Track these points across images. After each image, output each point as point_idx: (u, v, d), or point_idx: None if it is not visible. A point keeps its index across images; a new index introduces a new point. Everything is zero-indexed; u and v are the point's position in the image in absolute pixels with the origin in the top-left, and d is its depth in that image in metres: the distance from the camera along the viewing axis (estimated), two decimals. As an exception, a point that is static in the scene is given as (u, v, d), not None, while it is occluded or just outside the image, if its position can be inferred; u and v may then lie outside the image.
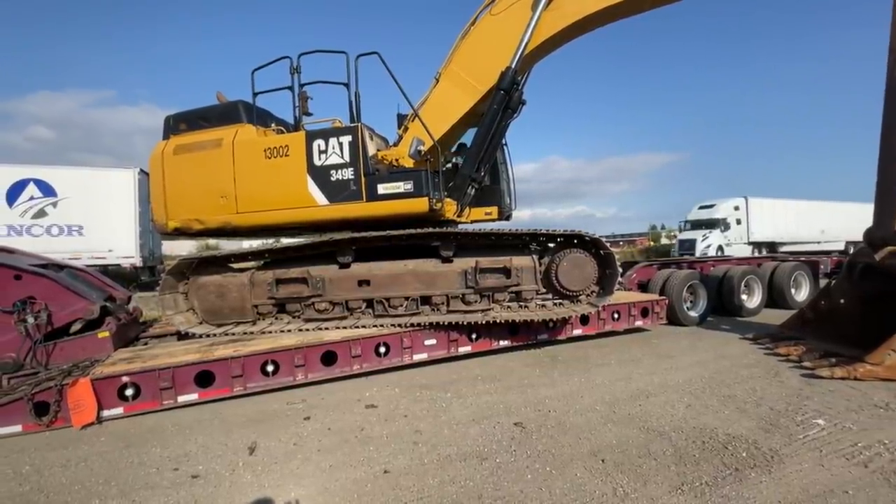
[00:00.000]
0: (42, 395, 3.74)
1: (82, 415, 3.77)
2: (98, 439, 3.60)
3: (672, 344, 6.05)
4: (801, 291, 8.51)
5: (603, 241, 5.27)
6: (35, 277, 4.45)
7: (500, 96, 5.42)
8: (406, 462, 3.05)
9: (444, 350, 5.22)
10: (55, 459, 3.26)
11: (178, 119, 5.79)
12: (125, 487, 2.86)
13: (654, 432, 3.35)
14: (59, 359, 4.39)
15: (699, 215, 24.35)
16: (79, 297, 4.58)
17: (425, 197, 5.09)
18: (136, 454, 3.31)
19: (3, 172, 12.52)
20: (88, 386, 3.82)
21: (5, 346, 4.22)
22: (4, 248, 5.49)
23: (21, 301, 4.31)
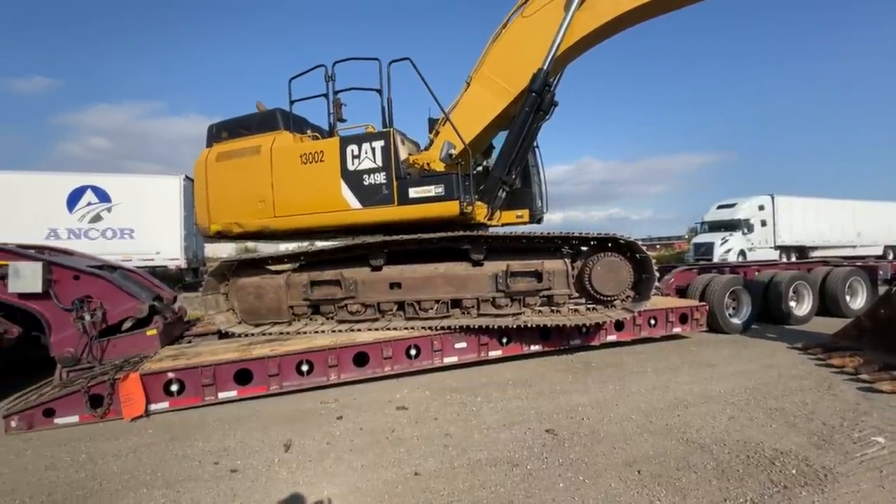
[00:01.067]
0: (97, 388, 3.98)
1: (132, 408, 4.00)
2: (146, 431, 3.80)
3: (713, 352, 5.79)
4: (857, 299, 7.96)
5: (639, 245, 5.12)
6: (91, 278, 4.76)
7: (532, 98, 5.37)
8: (436, 465, 3.06)
9: (474, 353, 5.20)
10: (108, 449, 3.46)
11: (221, 127, 6.07)
12: (170, 478, 3.00)
13: (693, 444, 3.21)
14: (111, 354, 4.68)
15: (718, 216, 22.08)
16: (130, 297, 4.86)
17: (456, 200, 5.11)
18: (181, 447, 3.47)
19: (64, 180, 13.47)
20: (138, 381, 4.05)
21: (65, 342, 4.53)
22: (65, 251, 5.92)
23: (79, 300, 4.62)
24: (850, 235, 22.82)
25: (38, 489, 2.91)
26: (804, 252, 21.28)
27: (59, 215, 13.17)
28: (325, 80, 5.56)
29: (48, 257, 4.79)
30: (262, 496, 2.76)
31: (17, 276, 4.37)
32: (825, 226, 22.17)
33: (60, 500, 2.79)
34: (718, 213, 22.25)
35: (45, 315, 4.54)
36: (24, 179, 13.34)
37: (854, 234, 22.93)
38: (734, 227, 20.75)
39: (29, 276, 4.40)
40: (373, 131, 5.50)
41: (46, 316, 4.54)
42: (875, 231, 23.21)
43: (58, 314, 4.56)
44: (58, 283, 4.59)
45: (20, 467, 3.22)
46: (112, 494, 2.83)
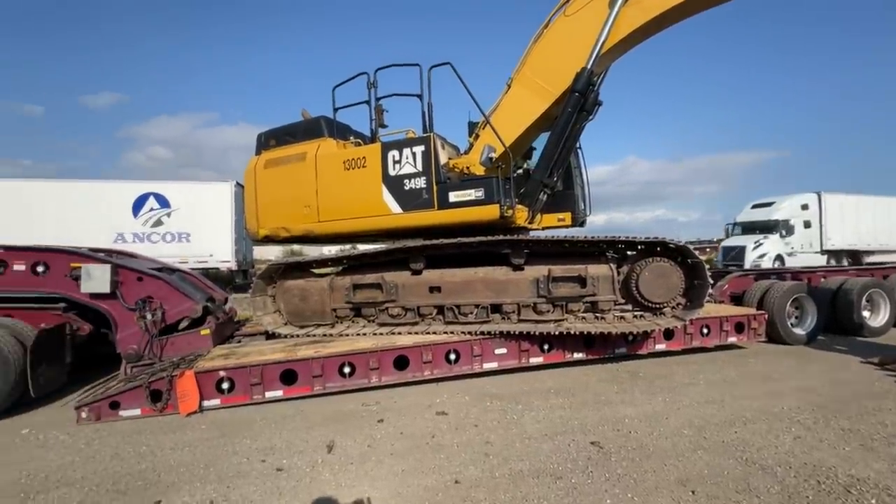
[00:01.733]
0: (157, 383, 4.24)
1: (188, 403, 4.22)
2: (200, 427, 3.99)
3: (773, 365, 5.39)
4: (944, 309, 7.16)
5: (691, 249, 4.85)
6: (153, 279, 5.08)
7: (575, 98, 5.24)
8: (477, 473, 3.01)
9: (514, 360, 5.11)
10: (166, 442, 3.67)
11: (269, 136, 6.33)
12: (221, 473, 3.13)
13: (754, 465, 2.99)
14: (169, 352, 4.96)
15: (752, 216, 19.45)
16: (186, 298, 5.15)
17: (496, 204, 5.06)
18: (231, 443, 3.61)
19: (130, 188, 14.55)
20: (193, 378, 4.27)
21: (129, 339, 4.86)
22: (129, 254, 6.37)
23: (141, 300, 4.95)
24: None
25: (104, 478, 3.12)
26: (857, 257, 18.94)
27: (125, 220, 14.22)
28: (367, 88, 5.67)
29: (115, 260, 5.16)
30: (307, 496, 2.82)
31: (88, 278, 4.74)
32: (883, 227, 19.57)
33: (124, 489, 2.97)
34: (753, 214, 19.72)
35: (113, 314, 4.89)
36: (95, 187, 14.52)
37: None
38: (771, 228, 18.24)
39: (99, 277, 4.76)
40: (413, 136, 5.54)
41: (113, 314, 4.89)
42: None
43: (123, 313, 4.90)
44: (123, 284, 4.94)
45: (89, 456, 3.46)
46: (169, 486, 2.99)
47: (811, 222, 18.66)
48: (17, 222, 13.06)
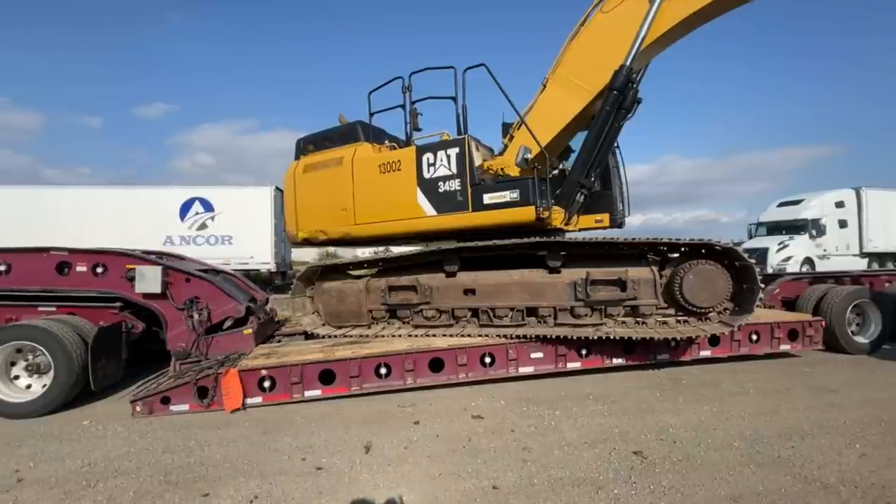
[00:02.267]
0: (203, 380, 4.42)
1: (232, 401, 4.38)
2: (243, 423, 4.13)
3: (832, 375, 5.04)
4: None
5: (739, 252, 4.60)
6: (199, 280, 5.31)
7: (614, 97, 5.09)
8: (515, 480, 2.96)
9: (551, 364, 5.01)
10: (212, 438, 3.82)
11: (307, 141, 6.51)
12: (264, 470, 3.22)
13: (814, 483, 2.79)
14: (214, 350, 5.16)
15: (778, 215, 17.79)
16: (230, 298, 5.35)
17: (532, 205, 4.98)
18: (272, 441, 3.72)
19: (177, 193, 15.35)
20: (236, 376, 4.43)
21: (179, 337, 5.10)
22: (178, 256, 6.69)
23: (189, 300, 5.19)
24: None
25: (157, 469, 3.28)
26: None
27: (173, 224, 15.01)
28: (402, 92, 5.73)
29: (165, 262, 5.43)
30: (346, 496, 2.86)
31: (142, 279, 5.01)
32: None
33: (174, 481, 3.11)
34: (779, 213, 18.00)
35: (163, 313, 5.15)
36: (146, 193, 15.42)
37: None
38: (799, 228, 16.50)
39: (151, 278, 5.03)
40: (448, 139, 5.55)
41: (164, 313, 5.15)
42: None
43: (173, 312, 5.15)
44: (173, 284, 5.19)
45: (143, 448, 3.65)
46: (216, 480, 3.10)
47: (847, 222, 16.92)
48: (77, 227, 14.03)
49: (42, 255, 5.15)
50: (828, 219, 16.71)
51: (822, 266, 15.82)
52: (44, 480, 3.15)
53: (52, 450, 3.64)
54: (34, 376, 4.53)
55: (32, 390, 4.51)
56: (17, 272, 5.13)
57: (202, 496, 2.90)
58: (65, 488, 3.03)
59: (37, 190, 15.44)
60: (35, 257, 5.16)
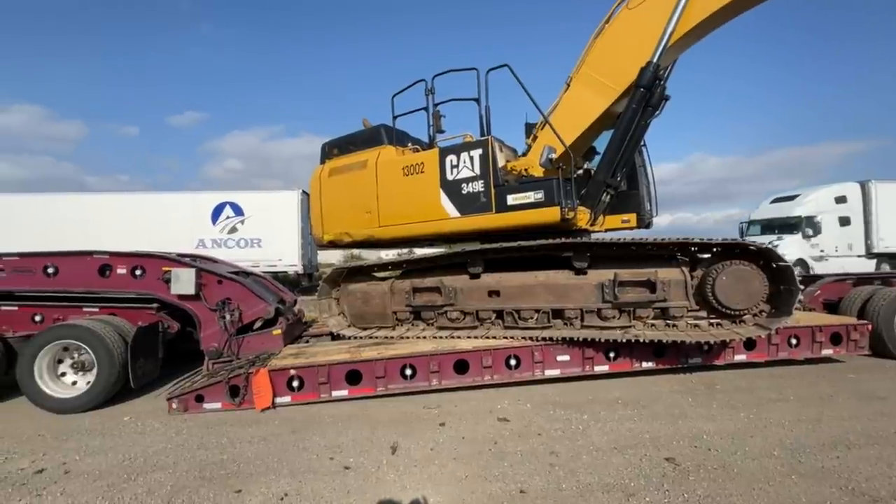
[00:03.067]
0: (235, 379, 4.55)
1: (262, 399, 4.50)
2: (273, 422, 4.23)
3: (880, 382, 4.77)
4: None
5: (776, 252, 4.42)
6: (231, 282, 5.48)
7: (640, 94, 4.97)
8: (542, 484, 2.92)
9: (578, 367, 4.93)
10: (244, 435, 3.92)
11: (332, 145, 6.62)
12: (293, 468, 3.29)
13: (863, 496, 2.64)
14: (245, 350, 5.31)
15: (771, 212, 16.46)
16: (260, 300, 5.50)
17: (556, 206, 4.91)
18: (301, 439, 3.79)
19: (209, 198, 15.89)
20: (266, 375, 4.54)
21: (211, 338, 5.27)
22: (210, 258, 6.92)
23: (221, 301, 5.35)
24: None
25: (192, 465, 3.39)
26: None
27: (205, 227, 15.54)
28: (424, 94, 5.76)
29: (199, 264, 5.62)
30: (373, 496, 2.88)
31: (177, 280, 5.21)
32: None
33: (209, 476, 3.21)
34: (772, 210, 16.65)
35: (197, 313, 5.33)
36: (180, 198, 16.01)
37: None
38: (792, 227, 15.14)
39: (186, 280, 5.22)
40: (471, 140, 5.54)
41: (198, 314, 5.33)
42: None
43: (206, 313, 5.33)
44: (206, 286, 5.37)
45: (179, 444, 3.78)
46: (248, 476, 3.18)
47: (850, 219, 15.36)
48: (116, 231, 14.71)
49: (86, 258, 5.42)
50: (825, 216, 15.27)
51: (820, 268, 14.46)
52: (88, 473, 3.30)
53: (95, 444, 3.82)
54: (79, 373, 4.78)
55: (77, 387, 4.75)
56: (64, 275, 5.42)
57: (235, 492, 2.98)
58: (108, 481, 3.17)
59: (79, 196, 16.26)
60: (79, 260, 5.43)
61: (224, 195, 16.01)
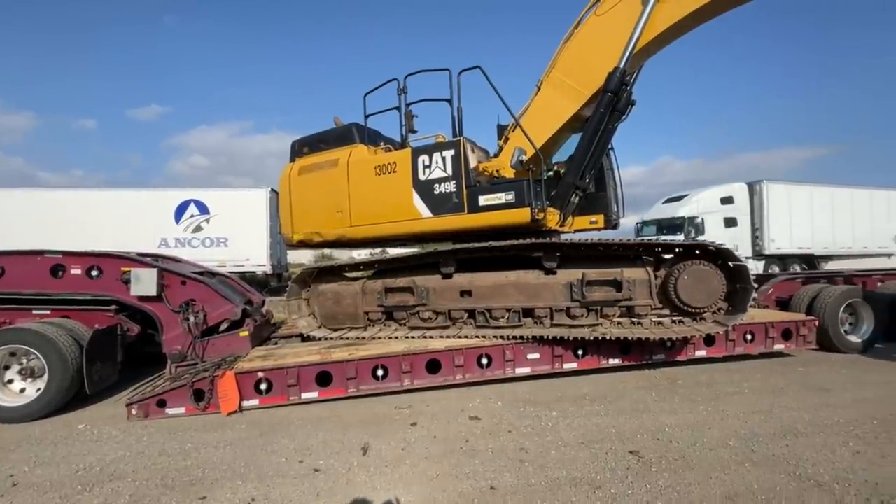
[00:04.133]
0: (199, 383, 4.40)
1: (228, 403, 4.37)
2: (239, 426, 4.12)
3: (826, 374, 5.09)
4: None
5: (733, 252, 4.64)
6: (196, 283, 5.29)
7: (608, 99, 5.12)
8: (513, 480, 2.97)
9: (547, 365, 5.03)
10: (209, 440, 3.80)
11: (302, 143, 6.50)
12: (261, 472, 3.22)
13: (808, 481, 2.82)
14: (210, 353, 5.15)
15: (661, 213, 16.41)
16: (226, 301, 5.33)
17: (527, 207, 5.00)
18: (269, 443, 3.71)
19: (173, 195, 15.29)
20: (233, 378, 4.41)
21: (174, 340, 5.08)
22: (173, 258, 6.66)
23: (185, 302, 5.16)
24: (882, 239, 16.56)
25: (153, 472, 3.26)
26: (812, 263, 15.64)
27: (168, 226, 14.95)
28: (397, 94, 5.74)
29: (161, 264, 5.40)
30: (343, 497, 2.86)
31: (137, 281, 4.99)
32: (843, 225, 15.97)
33: (171, 484, 3.10)
34: (662, 210, 16.53)
35: (159, 315, 5.12)
36: (141, 195, 15.34)
37: (890, 237, 16.66)
38: (677, 228, 14.96)
39: (147, 281, 5.00)
40: (443, 141, 5.57)
41: (160, 316, 5.12)
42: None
43: (168, 315, 5.13)
44: (169, 287, 5.17)
45: (139, 451, 3.63)
46: (213, 483, 3.09)
47: (737, 220, 15.28)
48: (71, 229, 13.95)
49: (36, 258, 5.11)
50: (709, 216, 15.10)
51: None
52: (39, 485, 3.12)
53: (46, 454, 3.61)
54: (28, 380, 4.50)
55: (27, 394, 4.48)
56: (11, 275, 5.09)
57: (199, 499, 2.89)
58: (60, 492, 3.01)
59: (31, 192, 15.33)
60: (29, 260, 5.12)
61: (188, 192, 15.44)
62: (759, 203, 15.33)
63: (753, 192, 15.58)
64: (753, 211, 15.56)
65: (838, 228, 16.19)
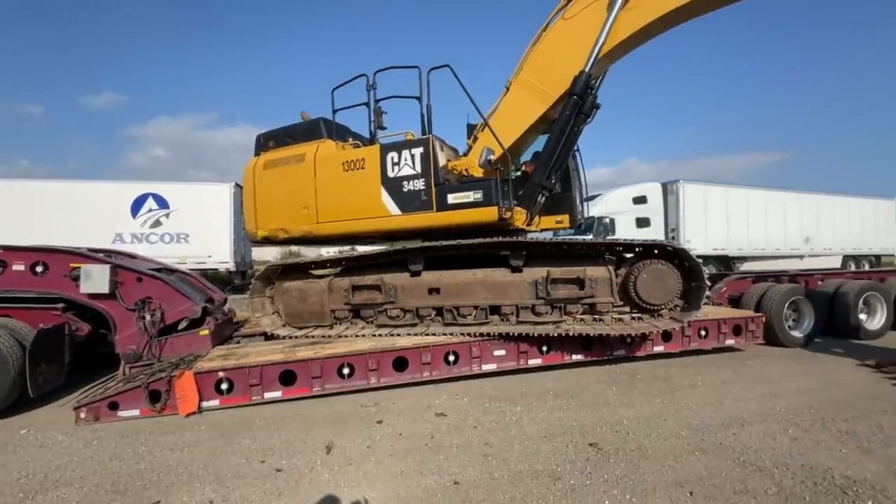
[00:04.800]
0: (155, 384, 4.23)
1: (187, 404, 4.22)
2: (198, 427, 3.99)
3: (771, 367, 5.41)
4: (941, 312, 7.19)
5: (688, 252, 4.87)
6: (152, 280, 5.08)
7: (574, 101, 5.26)
8: (476, 474, 3.02)
9: (513, 362, 5.12)
10: (165, 443, 3.67)
11: (268, 137, 6.33)
12: (220, 474, 3.13)
13: (751, 466, 3.00)
14: (168, 353, 4.95)
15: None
16: (185, 298, 5.14)
17: (495, 206, 5.07)
18: (230, 444, 3.61)
19: (129, 188, 14.54)
20: (192, 378, 4.27)
21: (128, 340, 4.85)
22: (129, 254, 6.36)
23: (141, 300, 4.95)
24: (794, 240, 17.09)
25: (103, 478, 3.12)
26: (728, 265, 15.77)
27: (124, 221, 14.20)
28: (366, 90, 5.69)
29: (115, 261, 5.15)
30: (305, 497, 2.82)
31: (88, 278, 4.74)
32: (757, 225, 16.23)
33: (123, 489, 2.97)
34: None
35: (112, 314, 4.88)
36: (95, 188, 14.50)
37: (800, 239, 17.23)
38: (588, 227, 14.23)
39: (98, 277, 4.76)
40: (412, 138, 5.56)
41: (113, 315, 4.89)
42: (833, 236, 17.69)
43: (122, 313, 4.90)
44: (123, 284, 4.93)
45: (88, 456, 3.46)
46: (168, 487, 2.99)
47: (650, 220, 15.09)
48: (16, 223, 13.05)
49: (-28, 253, 4.77)
50: (620, 216, 14.82)
51: None
52: (-26, 494, 2.93)
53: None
54: (-37, 384, 4.19)
55: (-38, 399, 4.18)
56: (-56, 271, 4.73)
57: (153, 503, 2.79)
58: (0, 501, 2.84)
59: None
60: (-35, 255, 4.77)
61: (147, 186, 14.72)
62: (676, 203, 15.14)
63: (669, 192, 15.41)
64: (668, 211, 15.42)
65: (753, 229, 16.40)
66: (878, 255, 20.53)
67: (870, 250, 20.02)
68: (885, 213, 20.80)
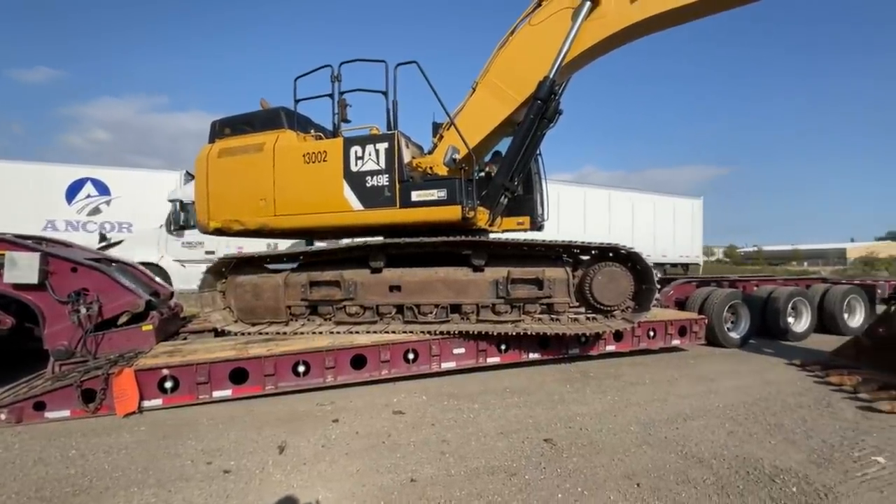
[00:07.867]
0: (90, 382, 3.92)
1: (125, 404, 3.94)
2: (138, 428, 3.74)
3: (711, 366, 5.77)
4: (856, 317, 7.98)
5: (640, 255, 5.10)
6: (89, 270, 4.70)
7: (537, 106, 5.37)
8: (433, 472, 3.02)
9: (472, 360, 5.16)
10: (99, 445, 3.40)
11: (224, 124, 6.03)
12: (162, 477, 2.95)
13: (692, 458, 3.19)
14: (106, 349, 4.60)
15: None
16: (127, 291, 4.80)
17: (458, 205, 5.09)
18: (173, 445, 3.41)
19: (64, 172, 13.42)
20: (132, 376, 3.99)
21: (59, 335, 4.47)
22: (64, 242, 5.86)
23: (75, 292, 4.56)
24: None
25: (25, 484, 2.85)
26: None
27: (57, 207, 13.10)
28: (330, 81, 5.54)
29: (46, 248, 4.73)
30: (256, 498, 2.71)
31: (13, 266, 4.31)
32: (599, 223, 15.80)
33: (49, 496, 2.73)
34: None
35: (40, 307, 4.47)
36: (23, 170, 13.26)
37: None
38: None
39: (25, 266, 4.34)
40: (377, 133, 5.48)
41: (41, 307, 4.47)
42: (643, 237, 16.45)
43: (53, 306, 4.49)
44: (55, 274, 4.53)
45: (8, 461, 3.15)
46: (102, 492, 2.78)
47: None
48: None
49: None
50: None
51: None
52: None
53: None
54: None
55: None
56: None
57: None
58: None
59: None
60: None
61: (85, 170, 13.66)
62: None
63: None
64: None
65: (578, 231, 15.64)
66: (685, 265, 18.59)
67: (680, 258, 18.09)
68: (688, 214, 18.60)
